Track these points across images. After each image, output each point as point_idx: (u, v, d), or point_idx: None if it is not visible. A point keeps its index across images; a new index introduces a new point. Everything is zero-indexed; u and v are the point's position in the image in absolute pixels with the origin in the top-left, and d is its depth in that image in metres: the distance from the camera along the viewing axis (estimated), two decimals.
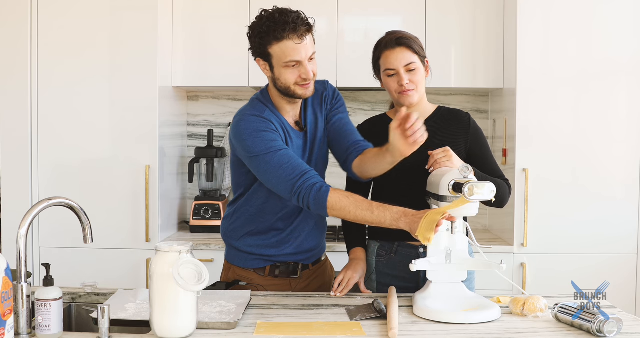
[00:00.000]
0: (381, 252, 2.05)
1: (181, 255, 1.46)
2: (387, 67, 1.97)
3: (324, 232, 2.11)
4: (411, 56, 1.95)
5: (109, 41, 2.94)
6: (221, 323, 1.56)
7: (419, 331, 1.56)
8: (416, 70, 1.95)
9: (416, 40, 1.99)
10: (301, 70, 1.83)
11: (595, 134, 2.90)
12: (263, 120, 1.86)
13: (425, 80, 2.01)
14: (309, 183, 1.77)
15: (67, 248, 2.92)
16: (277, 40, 1.79)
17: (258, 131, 1.84)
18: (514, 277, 2.89)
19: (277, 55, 1.81)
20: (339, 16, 3.12)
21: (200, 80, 3.17)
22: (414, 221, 1.66)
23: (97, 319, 1.44)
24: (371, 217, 1.73)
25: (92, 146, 2.95)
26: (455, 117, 2.04)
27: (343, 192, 1.79)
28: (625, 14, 2.89)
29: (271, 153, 1.81)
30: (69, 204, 1.60)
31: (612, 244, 2.91)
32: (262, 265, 2.01)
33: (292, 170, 1.79)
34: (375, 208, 1.73)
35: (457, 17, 3.13)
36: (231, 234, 2.04)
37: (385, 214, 1.71)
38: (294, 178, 1.78)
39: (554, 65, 2.89)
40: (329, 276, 2.17)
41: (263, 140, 1.83)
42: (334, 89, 2.05)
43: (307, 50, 1.83)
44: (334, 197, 1.75)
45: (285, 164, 1.80)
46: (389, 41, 1.97)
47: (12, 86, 2.94)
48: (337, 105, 2.02)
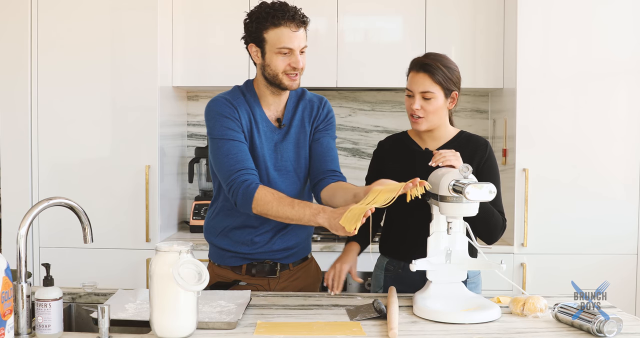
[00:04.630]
0: (389, 267, 2.06)
1: (181, 255, 1.46)
2: (408, 86, 1.99)
3: (306, 232, 2.09)
4: (430, 85, 1.93)
5: (109, 41, 2.94)
6: (221, 323, 1.56)
7: (419, 331, 1.56)
8: (432, 99, 1.94)
9: (446, 70, 1.93)
10: (292, 58, 1.89)
11: (595, 134, 2.90)
12: (230, 105, 1.93)
13: (445, 110, 1.97)
14: (242, 178, 1.85)
15: (67, 248, 2.92)
16: (274, 26, 1.86)
17: (221, 115, 1.92)
18: (514, 277, 2.89)
19: (271, 41, 1.87)
20: (339, 16, 3.12)
21: (200, 80, 3.17)
22: (333, 217, 1.68)
23: (97, 319, 1.44)
24: (292, 213, 1.77)
25: (92, 146, 2.95)
26: (474, 143, 2.02)
27: (271, 190, 1.84)
28: (625, 14, 2.89)
29: (225, 140, 1.90)
30: (69, 204, 1.60)
31: (612, 244, 2.91)
32: (238, 264, 2.01)
33: (235, 162, 1.87)
34: (296, 204, 1.78)
35: (457, 17, 3.13)
36: (210, 230, 2.06)
37: (304, 210, 1.75)
38: (232, 170, 1.86)
39: (554, 65, 2.89)
40: (314, 278, 2.14)
41: (222, 126, 1.91)
42: (330, 109, 2.08)
43: (300, 41, 1.89)
44: (260, 192, 1.82)
45: (231, 154, 1.88)
46: (417, 63, 1.97)
47: (12, 86, 2.94)
48: (328, 126, 2.05)
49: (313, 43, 3.11)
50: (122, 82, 2.93)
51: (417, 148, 2.04)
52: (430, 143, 2.03)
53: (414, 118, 1.98)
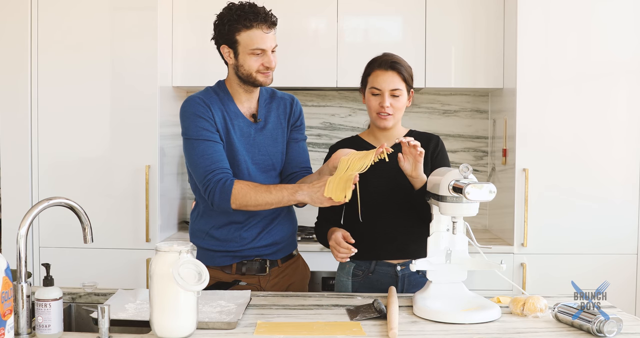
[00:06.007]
0: (357, 272, 2.06)
1: (181, 255, 1.47)
2: (374, 85, 2.02)
3: (291, 227, 2.13)
4: (399, 83, 2.01)
5: (109, 41, 2.93)
6: (221, 323, 1.56)
7: (419, 331, 1.56)
8: (400, 97, 2.02)
9: (409, 69, 2.05)
10: (265, 58, 1.94)
11: (595, 134, 2.90)
12: (204, 105, 1.96)
13: (404, 108, 2.06)
14: (217, 178, 1.89)
15: (67, 248, 2.92)
16: (246, 28, 1.91)
17: (195, 115, 1.95)
18: (514, 277, 2.89)
19: (244, 42, 1.92)
20: (339, 16, 3.12)
21: (200, 80, 3.16)
22: (313, 191, 1.75)
23: (97, 319, 1.44)
24: (270, 197, 1.83)
25: (92, 146, 2.95)
26: (425, 139, 2.08)
27: (247, 182, 1.89)
28: (624, 14, 2.89)
29: (200, 140, 1.93)
30: (69, 204, 1.60)
31: (612, 244, 2.91)
32: (228, 263, 2.02)
33: (210, 163, 1.91)
34: (272, 188, 1.85)
35: (457, 17, 3.13)
36: (197, 234, 2.08)
37: (282, 192, 1.83)
38: (208, 170, 1.90)
39: (554, 65, 2.89)
40: (302, 274, 2.17)
41: (197, 126, 1.94)
42: (301, 107, 2.15)
43: (271, 41, 1.95)
44: (237, 186, 1.87)
45: (207, 155, 1.92)
46: (384, 62, 2.02)
47: (12, 86, 2.94)
48: (300, 125, 2.13)
49: (313, 43, 3.14)
50: (122, 82, 2.93)
51: (372, 148, 2.05)
52: (385, 142, 2.04)
53: (381, 116, 2.02)
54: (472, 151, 3.47)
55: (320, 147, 3.45)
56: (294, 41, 3.10)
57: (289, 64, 3.08)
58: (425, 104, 3.46)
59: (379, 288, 2.00)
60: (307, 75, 3.13)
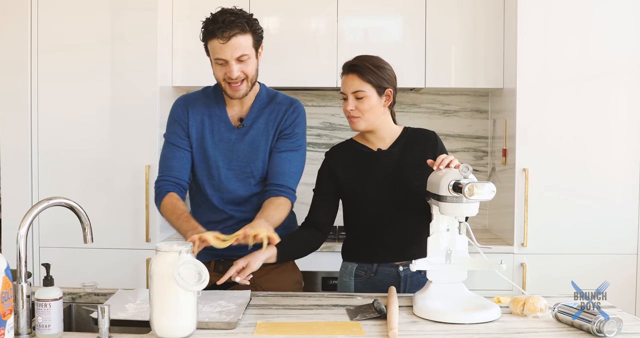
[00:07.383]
0: (360, 273, 2.05)
1: (181, 255, 1.47)
2: (341, 90, 2.01)
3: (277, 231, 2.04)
4: (360, 84, 1.95)
5: (109, 41, 2.93)
6: (221, 323, 1.56)
7: (419, 331, 1.56)
8: (365, 98, 1.95)
9: (375, 69, 1.95)
10: (227, 68, 1.93)
11: (595, 134, 2.90)
12: (183, 107, 2.05)
13: (381, 108, 1.98)
14: (160, 183, 2.01)
15: (67, 248, 2.92)
16: (209, 38, 1.94)
17: (172, 117, 2.07)
18: (514, 277, 2.89)
19: (211, 51, 1.96)
20: (339, 16, 3.12)
21: (200, 80, 3.14)
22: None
23: (97, 319, 1.44)
24: (176, 224, 1.91)
25: (92, 146, 2.95)
26: (423, 136, 2.06)
27: (175, 200, 1.95)
28: (624, 14, 2.89)
29: (168, 142, 2.05)
30: (69, 204, 1.60)
31: (612, 244, 2.91)
32: (207, 260, 2.02)
33: (165, 167, 2.03)
34: (181, 217, 1.90)
35: (457, 17, 3.13)
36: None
37: (183, 225, 1.86)
38: (159, 172, 2.05)
39: (554, 66, 2.89)
40: (289, 280, 2.12)
41: (170, 128, 2.07)
42: (299, 114, 2.06)
43: (232, 51, 1.90)
44: (165, 200, 1.96)
45: (166, 158, 2.03)
46: (345, 66, 2.01)
47: (12, 86, 2.93)
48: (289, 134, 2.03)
49: (313, 43, 3.14)
50: (122, 82, 2.93)
51: (368, 150, 2.05)
52: (379, 144, 2.05)
53: (351, 119, 2.00)
54: (472, 151, 3.47)
55: (320, 147, 3.45)
56: (294, 41, 3.10)
57: (289, 64, 3.08)
58: (425, 104, 3.47)
59: (381, 288, 2.00)
60: (307, 75, 3.13)
